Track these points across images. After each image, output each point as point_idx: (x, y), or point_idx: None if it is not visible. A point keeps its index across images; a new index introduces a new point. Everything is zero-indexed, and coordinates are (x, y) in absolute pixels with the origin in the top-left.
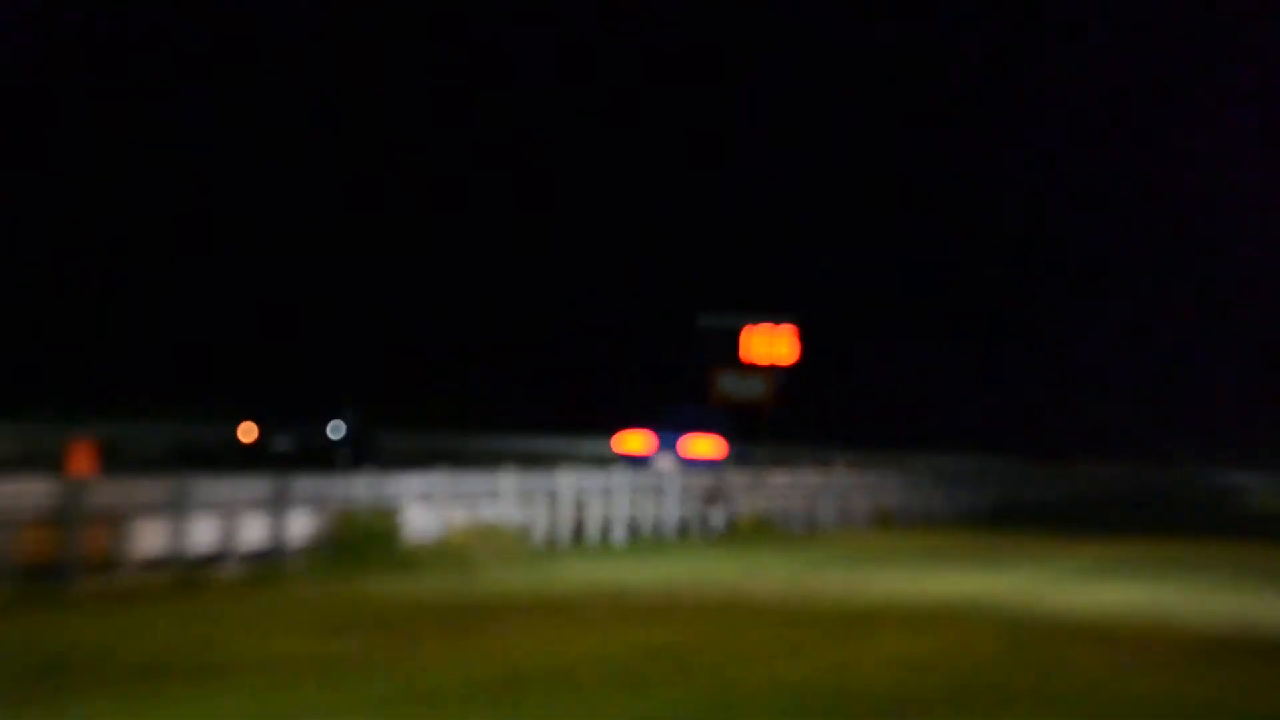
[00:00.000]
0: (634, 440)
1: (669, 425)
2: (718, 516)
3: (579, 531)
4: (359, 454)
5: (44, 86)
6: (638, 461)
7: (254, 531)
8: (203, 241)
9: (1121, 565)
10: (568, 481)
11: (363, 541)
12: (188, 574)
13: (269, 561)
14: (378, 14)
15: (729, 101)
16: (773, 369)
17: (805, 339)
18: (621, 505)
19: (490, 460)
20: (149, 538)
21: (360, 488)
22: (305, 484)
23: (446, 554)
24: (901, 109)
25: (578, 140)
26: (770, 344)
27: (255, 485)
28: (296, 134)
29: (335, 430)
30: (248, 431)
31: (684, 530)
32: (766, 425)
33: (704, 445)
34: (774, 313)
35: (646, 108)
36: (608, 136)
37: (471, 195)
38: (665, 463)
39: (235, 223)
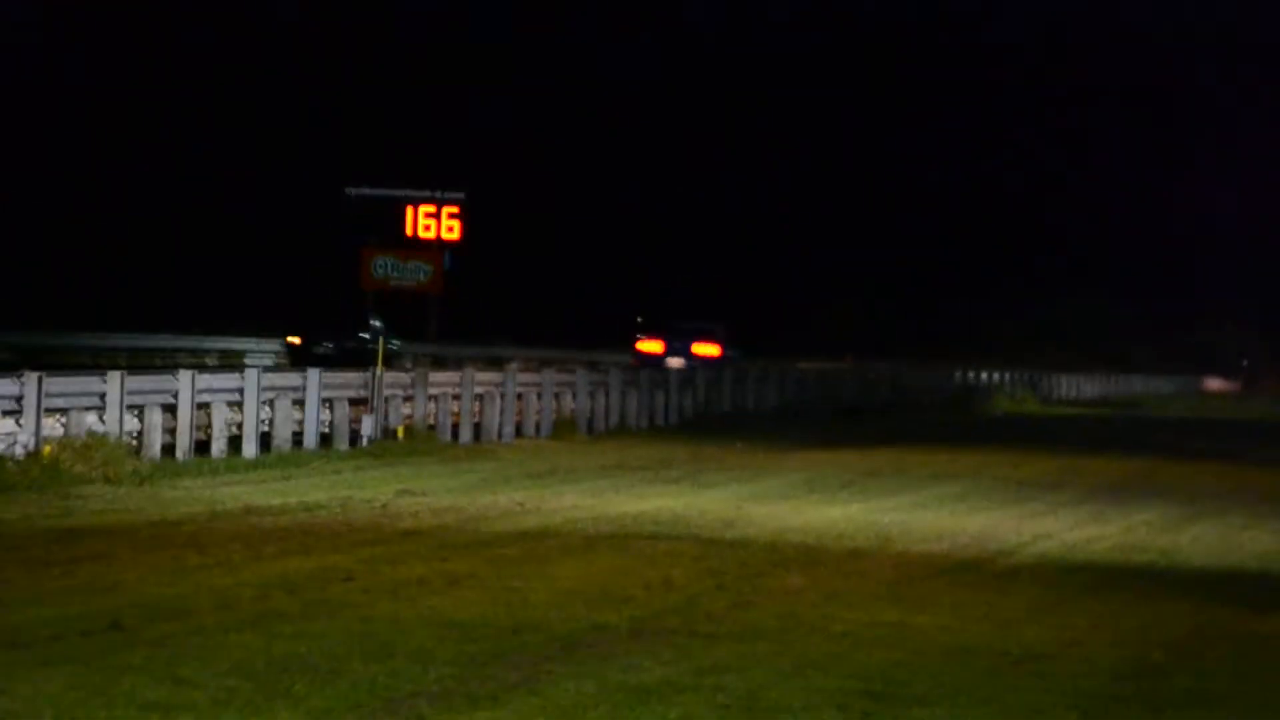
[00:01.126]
0: (651, 344)
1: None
2: (369, 425)
3: (204, 443)
4: None
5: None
6: (651, 360)
7: None
8: None
9: (838, 478)
10: (188, 384)
11: None
12: None
13: None
14: None
15: None
16: (439, 251)
17: (476, 218)
18: (253, 412)
19: (105, 361)
20: None
21: None
22: None
23: (37, 473)
24: None
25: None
26: (435, 223)
27: None
28: None
29: None
30: None
31: (328, 441)
32: (434, 317)
33: (707, 348)
34: (438, 187)
35: None
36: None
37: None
38: (675, 361)
39: None
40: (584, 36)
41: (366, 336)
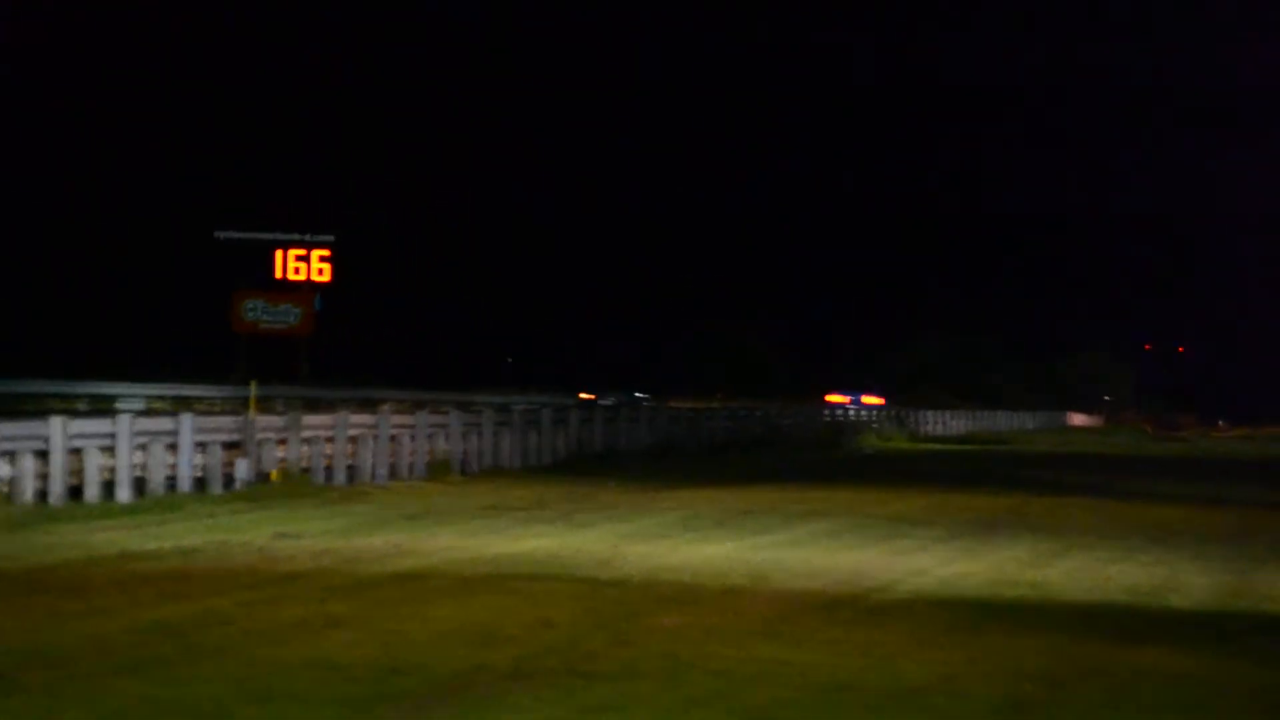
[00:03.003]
0: (838, 396)
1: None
2: (243, 468)
3: (77, 489)
4: None
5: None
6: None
7: None
8: None
9: (712, 517)
10: (60, 430)
11: None
12: None
13: None
14: None
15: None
16: (310, 293)
17: (348, 260)
18: (126, 456)
19: None
20: None
21: None
22: None
23: None
24: None
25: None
26: (305, 265)
27: None
28: None
29: None
30: None
31: (203, 485)
32: (305, 359)
33: (874, 399)
34: (309, 230)
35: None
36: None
37: None
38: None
39: None
40: (451, 81)
41: (640, 395)
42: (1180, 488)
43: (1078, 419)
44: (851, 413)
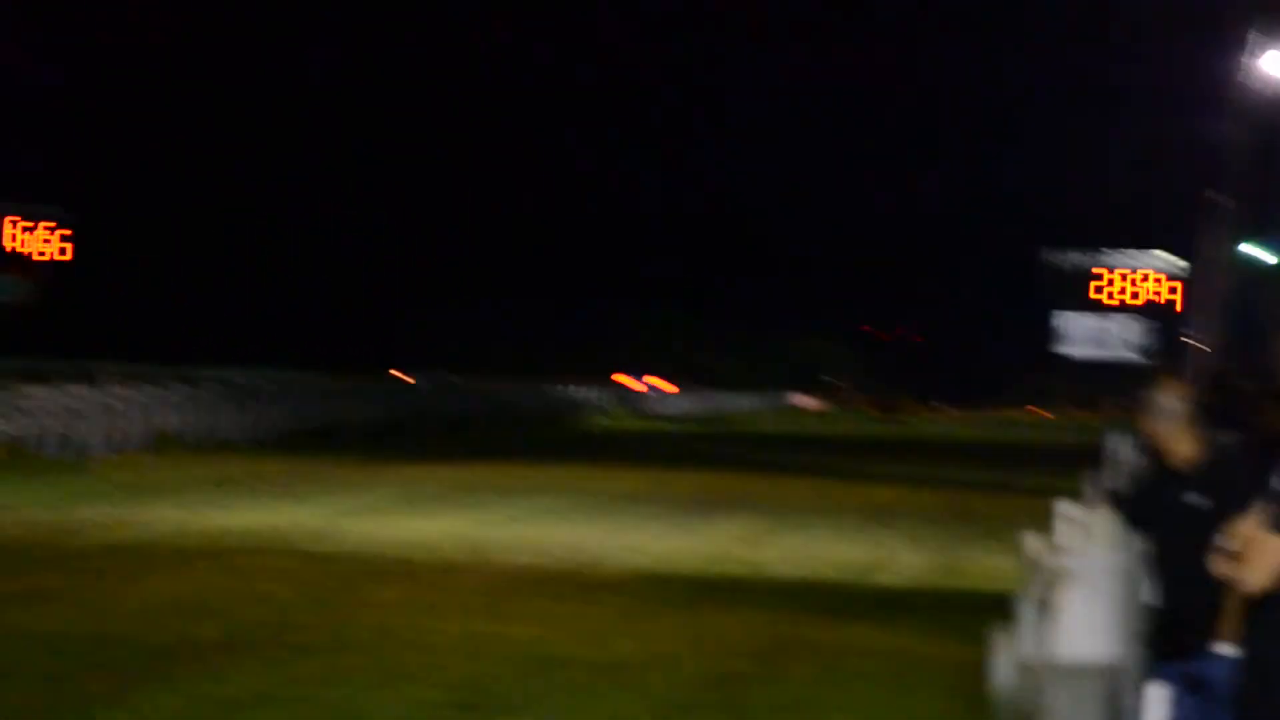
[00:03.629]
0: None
1: None
2: None
3: None
4: None
5: None
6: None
7: None
8: None
9: (434, 492)
10: None
11: None
12: None
13: None
14: None
15: None
16: (32, 266)
17: (77, 236)
18: None
19: None
20: None
21: None
22: None
23: None
24: None
25: None
26: (30, 237)
27: None
28: None
29: None
30: None
31: None
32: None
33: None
34: (36, 203)
35: None
36: None
37: None
38: None
39: None
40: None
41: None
42: (897, 468)
43: (801, 400)
44: (582, 392)
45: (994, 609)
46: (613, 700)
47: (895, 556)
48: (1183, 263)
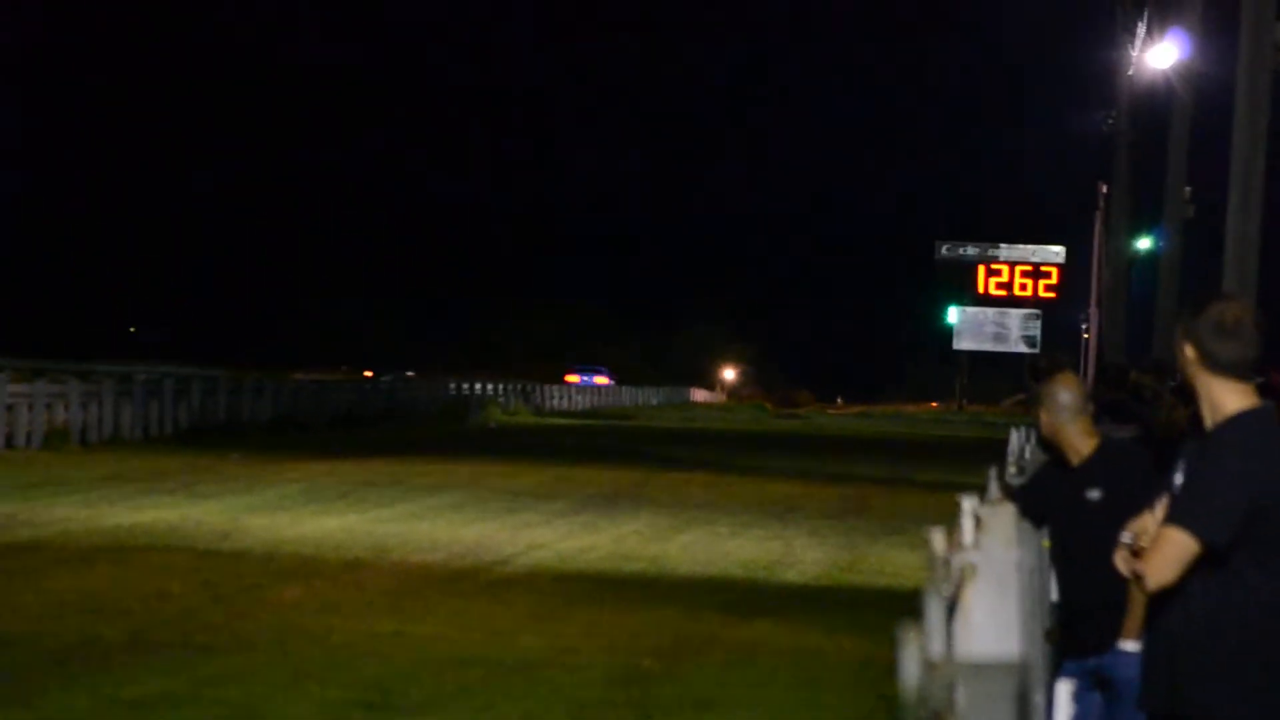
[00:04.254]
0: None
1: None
2: None
3: None
4: None
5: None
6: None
7: None
8: None
9: (337, 489)
10: None
11: None
12: None
13: None
14: None
15: None
16: None
17: None
18: None
19: None
20: None
21: None
22: None
23: None
24: None
25: None
26: None
27: None
28: None
29: None
30: None
31: None
32: None
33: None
34: None
35: None
36: None
37: None
38: None
39: None
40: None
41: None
42: (797, 463)
43: (700, 395)
44: (479, 387)
45: (898, 605)
46: (521, 698)
47: (798, 552)
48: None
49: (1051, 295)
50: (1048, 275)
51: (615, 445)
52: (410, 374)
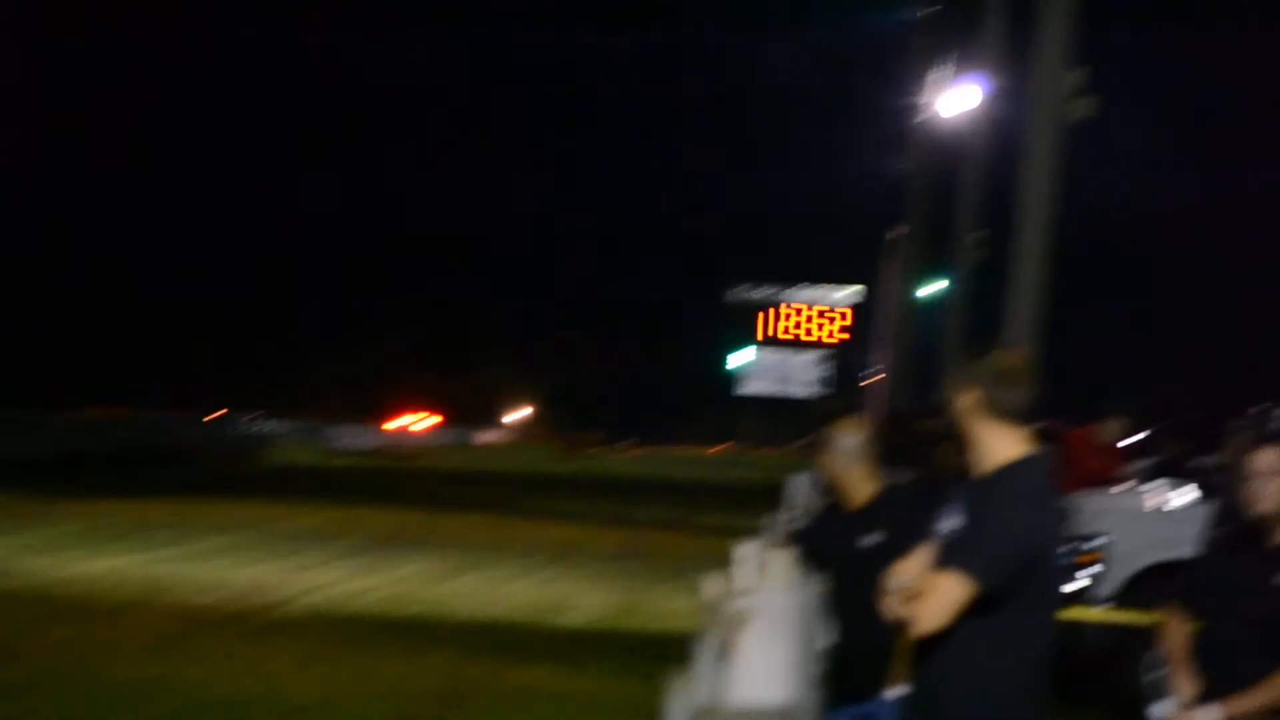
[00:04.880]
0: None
1: None
2: None
3: None
4: None
5: None
6: None
7: None
8: None
9: (113, 529)
10: None
11: None
12: None
13: None
14: None
15: None
16: None
17: None
18: None
19: None
20: None
21: None
22: None
23: None
24: None
25: None
26: None
27: None
28: None
29: None
30: None
31: None
32: None
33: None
34: None
35: None
36: None
37: None
38: None
39: None
40: None
41: None
42: (582, 506)
43: (486, 435)
44: (266, 426)
45: (674, 650)
46: None
47: (577, 597)
48: (862, 300)
49: (845, 337)
50: (840, 318)
51: (399, 485)
52: (218, 413)
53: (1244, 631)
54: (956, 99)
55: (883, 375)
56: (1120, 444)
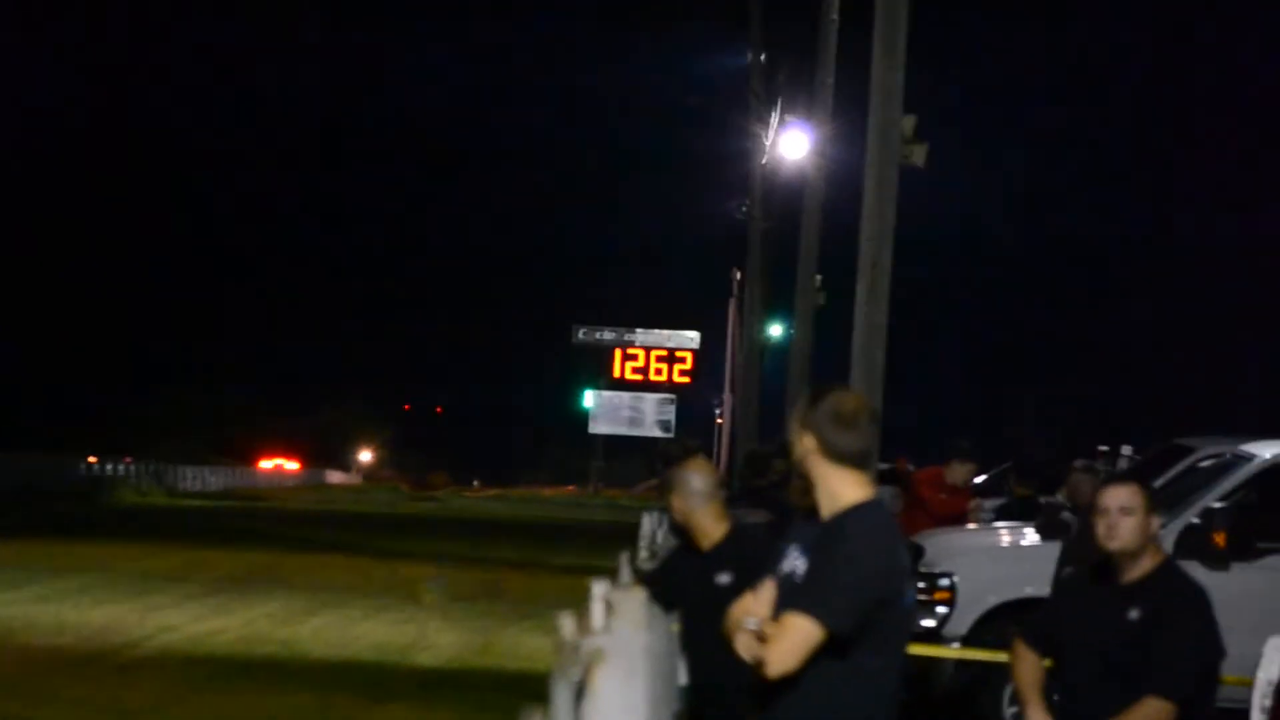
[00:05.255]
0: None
1: None
2: None
3: None
4: None
5: None
6: None
7: None
8: None
9: None
10: None
11: None
12: None
13: None
14: None
15: None
16: None
17: None
18: None
19: None
20: None
21: None
22: None
23: None
24: None
25: None
26: None
27: None
28: None
29: None
30: None
31: None
32: None
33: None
34: None
35: None
36: None
37: None
38: None
39: None
40: None
41: None
42: (433, 546)
43: (336, 476)
44: (110, 467)
45: (529, 689)
46: None
47: (431, 635)
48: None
49: (686, 380)
50: (683, 360)
51: (248, 526)
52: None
53: (1098, 666)
54: (795, 142)
55: (728, 416)
56: (968, 484)
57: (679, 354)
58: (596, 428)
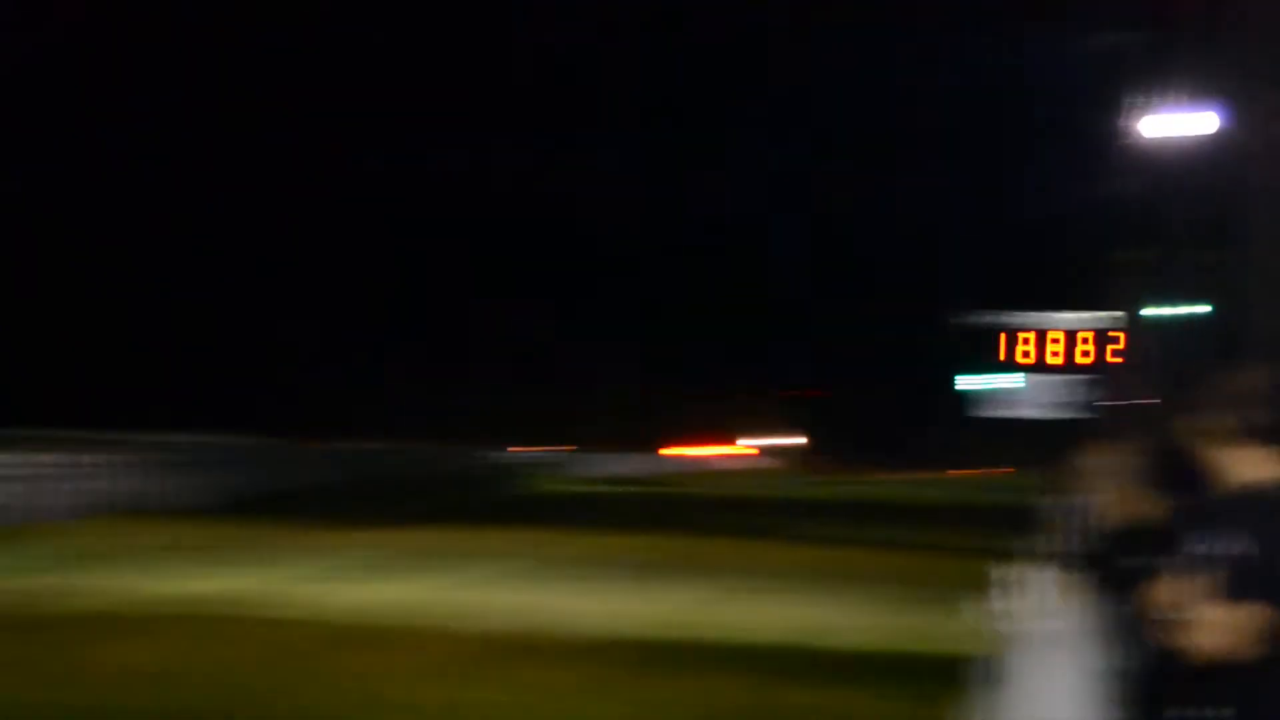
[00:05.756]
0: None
1: None
2: None
3: None
4: None
5: None
6: None
7: None
8: None
9: (388, 558)
10: None
11: None
12: None
13: None
14: None
15: None
16: None
17: None
18: None
19: None
20: None
21: None
22: None
23: None
24: None
25: None
26: None
27: None
28: None
29: None
30: None
31: None
32: None
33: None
34: None
35: None
36: None
37: None
38: None
39: None
40: None
41: None
42: (834, 530)
43: (729, 460)
44: (524, 456)
45: (946, 671)
46: None
47: (844, 619)
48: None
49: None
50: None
51: (662, 512)
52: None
53: None
54: (1177, 123)
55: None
56: None
57: (1111, 334)
58: (980, 410)
